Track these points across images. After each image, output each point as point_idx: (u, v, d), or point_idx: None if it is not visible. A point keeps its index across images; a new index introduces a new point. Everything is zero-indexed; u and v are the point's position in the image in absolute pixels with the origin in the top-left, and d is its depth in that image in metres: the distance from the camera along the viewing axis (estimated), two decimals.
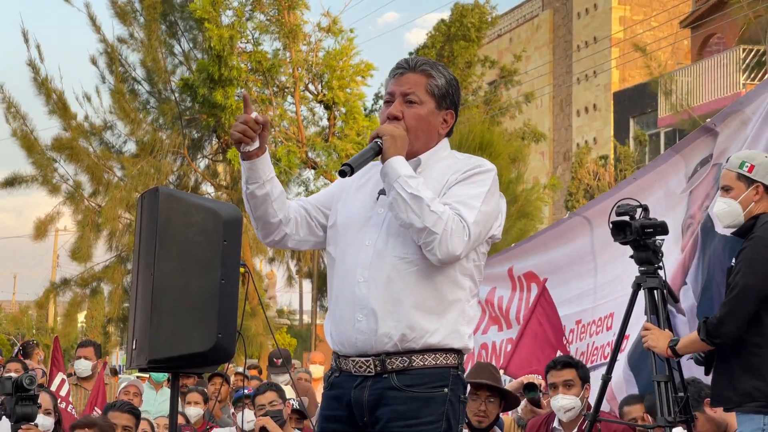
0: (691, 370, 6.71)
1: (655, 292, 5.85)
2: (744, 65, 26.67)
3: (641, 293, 5.93)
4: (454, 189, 3.87)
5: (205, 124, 25.57)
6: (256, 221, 4.08)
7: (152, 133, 25.32)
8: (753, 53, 26.51)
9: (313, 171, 25.86)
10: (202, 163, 27.23)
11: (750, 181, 5.52)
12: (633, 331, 6.96)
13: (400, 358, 3.80)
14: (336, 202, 4.11)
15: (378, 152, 3.86)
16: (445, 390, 3.84)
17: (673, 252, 7.32)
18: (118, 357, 36.10)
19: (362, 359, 3.85)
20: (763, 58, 26.03)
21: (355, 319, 3.84)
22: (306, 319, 41.75)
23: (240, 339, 5.33)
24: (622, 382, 7.52)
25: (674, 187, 7.62)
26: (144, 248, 5.24)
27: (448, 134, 4.11)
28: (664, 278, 5.92)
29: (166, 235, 5.10)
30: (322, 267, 29.62)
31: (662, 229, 5.87)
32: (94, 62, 25.53)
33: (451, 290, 3.86)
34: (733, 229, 5.65)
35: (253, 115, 3.91)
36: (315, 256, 25.66)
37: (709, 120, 7.57)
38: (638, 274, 5.94)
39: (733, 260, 5.47)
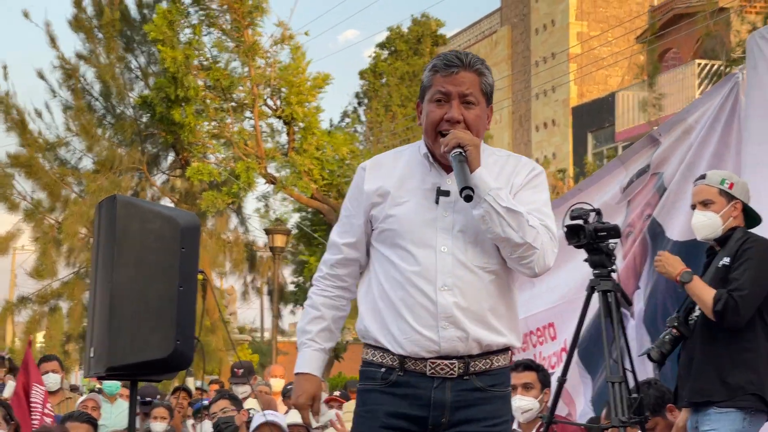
0: (647, 372, 6.82)
1: (609, 294, 5.92)
2: (700, 79, 26.94)
3: (595, 296, 6.01)
4: (524, 195, 3.83)
5: (163, 141, 25.53)
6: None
7: (110, 149, 25.24)
8: (709, 67, 26.79)
9: (272, 185, 25.85)
10: (160, 179, 27.17)
11: (730, 197, 5.80)
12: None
13: (483, 360, 3.83)
14: (374, 205, 3.91)
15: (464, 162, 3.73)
16: (510, 388, 3.98)
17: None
18: (77, 375, 35.81)
19: (445, 362, 3.80)
20: (719, 72, 26.32)
21: (438, 326, 3.77)
22: (267, 335, 41.66)
23: (199, 351, 5.33)
24: (579, 384, 7.59)
25: (610, 198, 7.75)
26: (102, 256, 5.25)
27: None
28: (617, 281, 6.01)
29: (124, 243, 5.11)
30: (283, 282, 29.58)
31: (615, 232, 5.97)
32: (41, 76, 25.47)
33: (513, 295, 3.94)
34: (707, 240, 5.84)
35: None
36: (275, 270, 25.60)
37: (655, 129, 7.70)
38: (592, 278, 6.02)
39: (726, 259, 5.60)
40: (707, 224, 5.81)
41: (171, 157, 26.92)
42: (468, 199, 3.63)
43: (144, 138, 25.63)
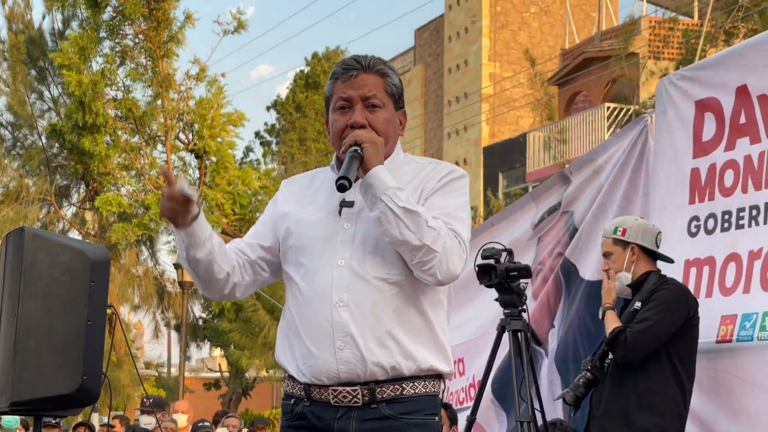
0: (557, 411, 6.87)
1: (519, 334, 5.97)
2: (609, 122, 27.40)
3: (505, 335, 6.05)
4: (435, 199, 3.53)
5: (73, 171, 25.22)
6: (204, 284, 3.70)
7: (18, 179, 24.88)
8: (618, 111, 27.27)
9: None
10: (70, 211, 26.82)
11: (625, 244, 5.87)
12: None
13: (391, 386, 3.46)
14: (282, 223, 3.69)
15: (360, 161, 3.45)
16: (437, 419, 3.55)
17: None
18: None
19: (347, 389, 3.46)
20: (629, 116, 26.79)
21: (335, 347, 3.44)
22: (174, 371, 41.16)
23: (105, 387, 5.25)
24: (494, 422, 7.61)
25: (521, 235, 7.82)
26: (8, 288, 5.16)
27: None
28: (527, 321, 6.07)
29: (31, 275, 5.03)
30: (191, 318, 29.33)
31: (526, 272, 6.03)
32: None
33: (434, 311, 3.55)
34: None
35: (178, 187, 3.50)
36: (184, 305, 25.37)
37: (567, 167, 7.80)
38: (503, 317, 6.07)
39: (638, 303, 5.68)
40: (620, 287, 5.90)
41: (81, 189, 26.61)
42: (341, 188, 3.35)
43: (53, 169, 25.29)
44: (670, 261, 6.02)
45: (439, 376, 3.56)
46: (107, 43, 25.02)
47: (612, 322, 5.72)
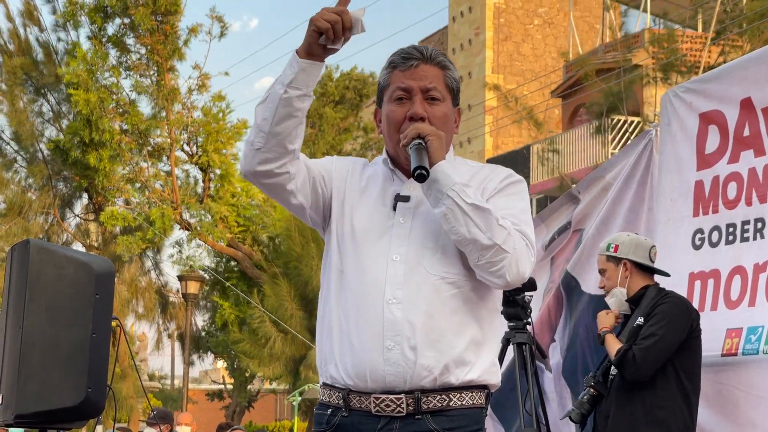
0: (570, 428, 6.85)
1: (524, 347, 5.97)
2: (612, 135, 27.41)
3: (510, 348, 6.05)
4: (497, 201, 3.30)
5: (77, 185, 25.27)
6: (269, 138, 3.25)
7: (20, 194, 24.95)
8: (620, 123, 27.27)
9: (187, 232, 25.68)
10: (73, 223, 26.86)
11: (617, 260, 5.90)
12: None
13: (438, 397, 3.21)
14: (337, 198, 3.44)
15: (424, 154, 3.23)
16: None
17: (535, 316, 7.50)
18: None
19: (391, 396, 3.21)
20: (630, 128, 26.80)
21: (384, 347, 3.20)
22: (177, 383, 41.16)
23: (110, 399, 5.25)
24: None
25: None
26: (13, 301, 5.16)
27: None
28: (532, 334, 6.06)
29: (36, 288, 5.03)
30: (195, 329, 29.33)
31: (531, 285, 6.03)
32: None
33: (490, 317, 3.32)
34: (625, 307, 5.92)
35: (354, 15, 3.21)
36: (187, 317, 25.38)
37: (574, 186, 7.81)
38: (507, 329, 6.07)
39: (640, 318, 5.67)
40: (612, 302, 5.93)
41: (84, 200, 26.66)
42: (420, 178, 3.15)
43: (56, 181, 25.34)
44: (666, 275, 6.01)
45: (485, 387, 3.31)
46: (113, 53, 25.07)
47: (614, 344, 5.71)
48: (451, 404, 3.22)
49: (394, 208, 3.34)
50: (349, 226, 3.37)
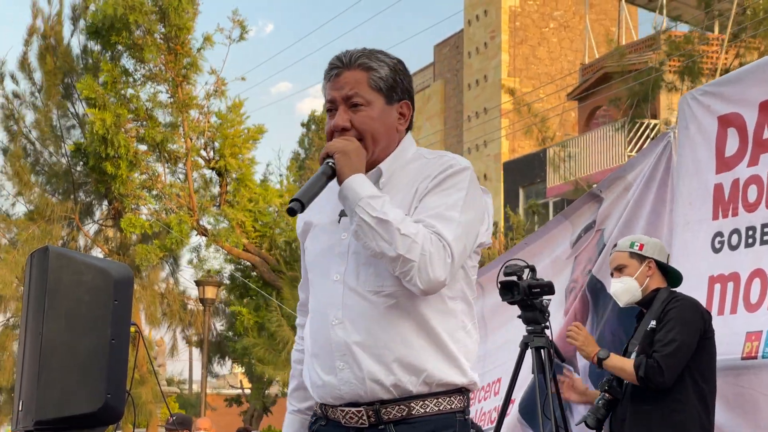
0: None
1: (542, 351, 5.96)
2: (629, 137, 27.35)
3: (528, 352, 6.04)
4: (428, 200, 3.25)
5: (95, 190, 25.36)
6: None
7: (42, 197, 25.05)
8: (638, 125, 27.21)
9: (204, 238, 25.73)
10: (93, 228, 26.95)
11: (642, 258, 5.85)
12: (522, 388, 7.06)
13: (397, 407, 3.21)
14: (305, 240, 3.51)
15: (331, 175, 3.23)
16: None
17: (556, 317, 7.47)
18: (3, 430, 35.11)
19: (353, 410, 3.26)
20: (647, 130, 26.74)
21: (336, 368, 3.25)
22: (195, 387, 41.21)
23: (129, 405, 5.26)
24: None
25: (560, 253, 7.80)
26: (32, 307, 5.18)
27: (409, 128, 3.47)
28: (550, 337, 6.05)
29: (55, 294, 5.04)
30: (212, 335, 29.37)
31: (549, 289, 6.01)
32: None
33: (442, 319, 3.26)
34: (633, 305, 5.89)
35: None
36: (206, 322, 25.42)
37: (595, 186, 7.79)
38: (525, 334, 6.05)
39: (653, 322, 5.64)
40: (624, 289, 5.86)
41: (104, 206, 26.75)
42: (290, 212, 3.15)
43: (77, 187, 25.44)
44: (679, 282, 5.97)
45: (457, 391, 3.28)
46: (130, 64, 25.15)
47: (623, 361, 5.67)
48: (413, 412, 3.22)
49: (339, 223, 3.37)
50: (309, 252, 3.47)
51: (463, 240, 3.21)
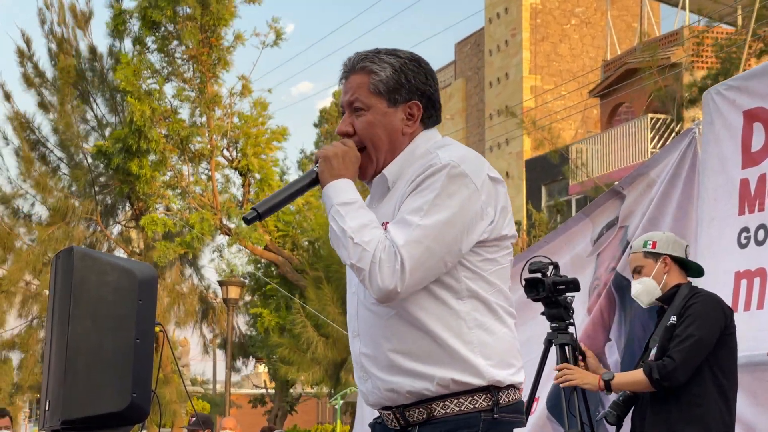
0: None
1: (567, 348, 5.94)
2: (652, 134, 27.26)
3: (552, 349, 6.02)
4: (403, 205, 3.17)
5: (118, 191, 25.45)
6: None
7: (63, 200, 25.16)
8: (660, 122, 27.13)
9: (227, 237, 25.79)
10: (115, 230, 27.05)
11: (656, 256, 5.80)
12: (548, 385, 7.04)
13: (418, 410, 3.21)
14: None
15: (315, 180, 3.24)
16: None
17: (579, 313, 7.45)
18: (26, 428, 35.32)
19: (386, 412, 3.31)
20: (670, 127, 26.65)
21: (361, 378, 3.34)
22: (219, 387, 41.30)
23: (154, 403, 5.28)
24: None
25: (581, 250, 7.78)
26: (58, 308, 5.20)
27: (432, 124, 3.40)
28: (574, 334, 6.02)
29: (80, 294, 5.06)
30: (236, 335, 29.44)
31: (574, 286, 6.00)
32: None
33: (446, 323, 3.18)
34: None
35: None
36: (229, 322, 25.46)
37: (617, 183, 7.76)
38: (549, 331, 6.04)
39: (673, 317, 5.62)
40: (643, 290, 5.83)
41: (126, 208, 26.85)
42: (246, 221, 3.17)
43: (99, 188, 25.54)
44: (701, 273, 5.94)
45: (482, 390, 3.20)
46: (156, 59, 25.24)
47: (631, 374, 5.67)
48: (435, 414, 3.20)
49: None
50: None
51: (423, 243, 3.07)
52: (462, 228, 3.13)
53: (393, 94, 3.29)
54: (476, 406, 3.19)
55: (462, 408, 3.18)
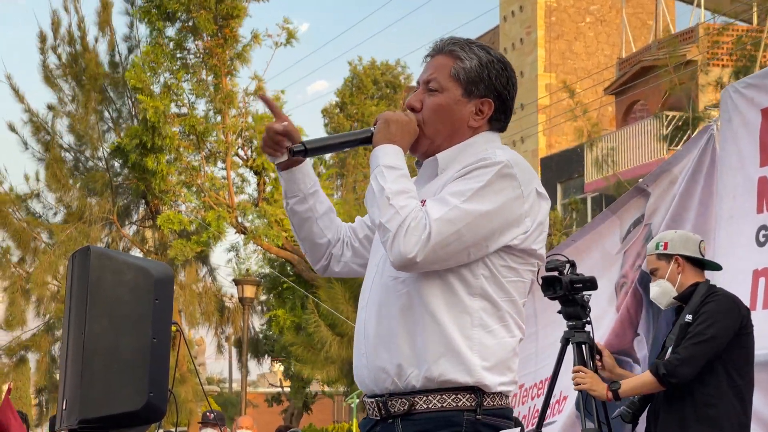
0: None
1: (584, 346, 5.93)
2: (667, 131, 27.19)
3: (569, 347, 6.01)
4: (449, 186, 3.14)
5: (134, 189, 25.50)
6: (302, 243, 3.56)
7: (81, 200, 25.22)
8: (676, 119, 27.05)
9: (243, 236, 25.81)
10: (131, 230, 27.10)
11: (669, 257, 5.80)
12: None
13: (400, 400, 3.13)
14: None
15: (368, 138, 3.26)
16: None
17: (608, 312, 7.45)
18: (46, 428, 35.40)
19: (370, 400, 3.23)
20: (687, 124, 26.56)
21: (359, 352, 3.26)
22: (236, 386, 41.36)
23: (171, 403, 5.29)
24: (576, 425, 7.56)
25: (610, 247, 7.77)
26: (75, 307, 5.21)
27: (498, 129, 3.36)
28: (591, 333, 6.01)
29: (97, 294, 5.07)
30: (251, 334, 29.47)
31: (591, 284, 5.98)
32: (12, 128, 25.51)
33: (453, 315, 3.12)
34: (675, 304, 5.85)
35: (277, 126, 3.34)
36: (245, 321, 25.50)
37: (641, 180, 7.75)
38: (566, 329, 6.02)
39: (689, 316, 5.60)
40: (660, 292, 5.84)
41: (142, 207, 26.91)
42: (291, 153, 3.27)
43: (115, 188, 25.60)
44: (718, 267, 5.92)
45: (467, 389, 3.12)
46: (175, 56, 25.27)
47: (639, 378, 5.67)
48: (416, 407, 3.12)
49: None
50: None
51: (456, 224, 3.03)
52: (497, 226, 3.10)
53: (471, 86, 3.28)
54: (459, 404, 3.11)
55: (444, 405, 3.11)
